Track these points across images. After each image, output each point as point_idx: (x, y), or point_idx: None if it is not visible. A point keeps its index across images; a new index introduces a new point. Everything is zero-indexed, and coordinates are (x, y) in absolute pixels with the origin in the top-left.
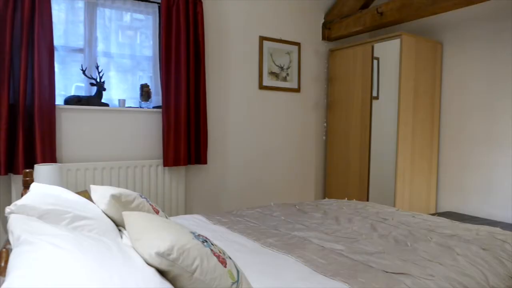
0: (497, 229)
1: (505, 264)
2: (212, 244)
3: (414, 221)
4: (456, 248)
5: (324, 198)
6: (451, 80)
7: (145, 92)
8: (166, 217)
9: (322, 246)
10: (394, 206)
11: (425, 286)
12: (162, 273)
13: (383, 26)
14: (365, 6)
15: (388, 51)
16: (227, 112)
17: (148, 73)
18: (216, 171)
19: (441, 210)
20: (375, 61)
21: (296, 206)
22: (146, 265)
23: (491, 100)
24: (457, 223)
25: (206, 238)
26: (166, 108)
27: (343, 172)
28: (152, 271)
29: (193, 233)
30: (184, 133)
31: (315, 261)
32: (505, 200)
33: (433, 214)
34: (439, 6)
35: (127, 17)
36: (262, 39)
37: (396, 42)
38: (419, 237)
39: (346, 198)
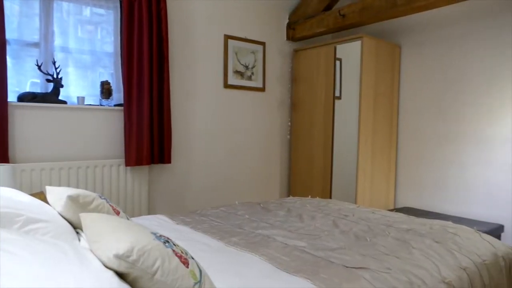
0: (449, 223)
1: (455, 255)
2: (174, 244)
3: (373, 217)
4: (411, 241)
5: (289, 196)
6: (408, 81)
7: (105, 90)
8: (127, 218)
9: (286, 244)
10: (355, 202)
11: (382, 279)
12: (121, 275)
13: (345, 28)
14: (328, 8)
15: (350, 52)
16: (192, 111)
17: (109, 70)
18: (180, 170)
19: (399, 205)
20: (337, 62)
21: (261, 205)
22: (104, 268)
23: (444, 100)
24: (413, 218)
25: (168, 238)
26: (128, 106)
27: (307, 170)
28: (110, 274)
29: (154, 233)
30: (147, 132)
31: (278, 258)
32: (456, 196)
33: (391, 210)
34: (398, 10)
35: (86, 11)
36: (227, 37)
37: (357, 44)
38: (378, 232)
39: (309, 196)
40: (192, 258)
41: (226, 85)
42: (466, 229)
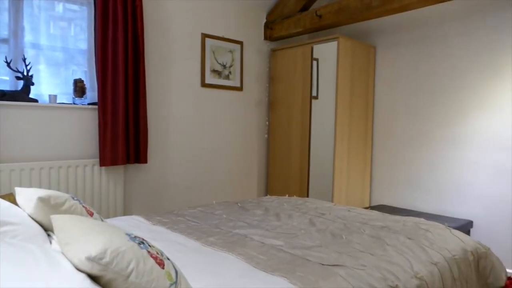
0: (421, 220)
1: (427, 251)
2: (149, 245)
3: (349, 215)
4: (386, 238)
5: (266, 195)
6: (383, 81)
7: (79, 88)
8: (102, 220)
9: (263, 243)
10: (332, 201)
11: (357, 276)
12: (94, 278)
13: (322, 28)
14: (305, 8)
15: (327, 53)
16: (169, 110)
17: (83, 68)
18: (157, 170)
19: (374, 203)
20: (314, 62)
21: (238, 204)
22: (76, 271)
23: (417, 101)
24: (387, 215)
25: (143, 239)
26: (102, 104)
27: (285, 169)
28: (82, 276)
29: (128, 235)
30: (123, 131)
31: (255, 257)
32: (428, 193)
33: (366, 208)
34: (372, 12)
35: (59, 7)
36: (205, 36)
37: (333, 44)
38: (354, 230)
39: (287, 195)
40: (168, 259)
41: (204, 84)
42: (437, 225)
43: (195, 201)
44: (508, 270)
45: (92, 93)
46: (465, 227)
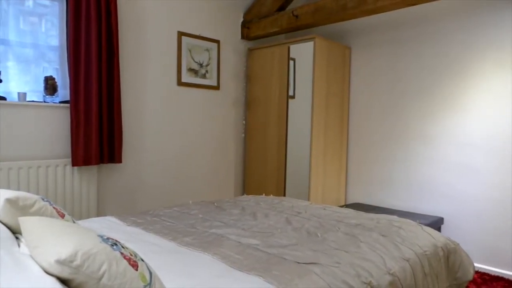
0: (394, 217)
1: (399, 247)
2: (122, 247)
3: (325, 213)
4: (360, 236)
5: (243, 194)
6: (358, 82)
7: (50, 85)
8: (73, 221)
9: (239, 242)
10: (308, 199)
11: (332, 273)
12: (64, 281)
13: (298, 28)
14: (281, 8)
15: (303, 53)
16: (144, 109)
17: (54, 65)
18: (132, 170)
19: (349, 202)
20: (291, 62)
21: (215, 204)
22: (45, 274)
23: (390, 100)
24: (361, 213)
25: (116, 241)
26: (74, 103)
27: (262, 169)
28: (52, 280)
29: (101, 236)
30: (96, 130)
31: (231, 257)
32: (401, 191)
33: (342, 206)
34: (348, 13)
35: (29, 2)
36: (181, 34)
37: (310, 45)
38: (329, 228)
39: (263, 194)
40: (142, 260)
41: (180, 83)
42: (409, 222)
43: (171, 201)
44: (475, 264)
45: (63, 91)
46: (436, 223)
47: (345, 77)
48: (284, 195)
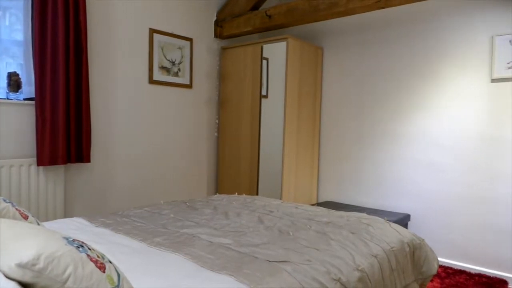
0: (364, 215)
1: (368, 244)
2: (89, 248)
3: (297, 211)
4: (330, 234)
5: (216, 194)
6: (329, 82)
7: (14, 82)
8: (38, 223)
9: (211, 242)
10: (281, 198)
11: (303, 270)
12: (27, 286)
13: (271, 28)
14: (255, 7)
15: (276, 52)
16: (114, 107)
17: (19, 60)
18: (101, 169)
19: (321, 200)
20: (264, 61)
21: (187, 203)
22: (6, 279)
23: (360, 100)
24: (332, 211)
25: (82, 242)
26: (40, 100)
27: (235, 168)
28: (12, 285)
29: (66, 238)
30: (63, 129)
31: (203, 257)
32: (371, 189)
33: (313, 204)
34: (320, 14)
35: None
36: (153, 31)
37: (283, 45)
38: (300, 226)
39: (236, 193)
40: (110, 262)
41: (152, 81)
42: (378, 219)
43: (142, 201)
44: (439, 259)
45: (28, 88)
46: (403, 220)
47: (317, 77)
48: (257, 194)
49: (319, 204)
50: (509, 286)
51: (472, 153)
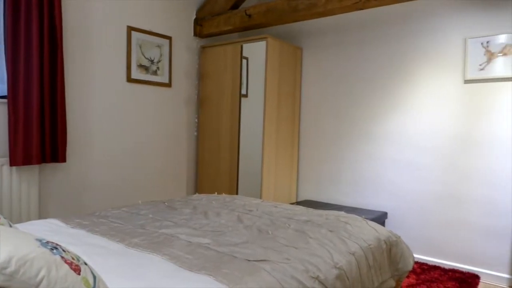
0: (342, 213)
1: (346, 242)
2: (63, 250)
3: (276, 210)
4: (309, 232)
5: (195, 193)
6: (308, 82)
7: None
8: (10, 225)
9: (189, 242)
10: (260, 198)
11: (281, 269)
12: None
13: (251, 27)
14: (234, 7)
15: (256, 52)
16: (91, 105)
17: None
18: (77, 169)
19: (300, 199)
20: (244, 60)
21: (166, 203)
22: None
23: (338, 101)
24: (311, 210)
25: (56, 244)
26: (13, 98)
27: (214, 167)
28: None
29: (39, 240)
30: (37, 128)
31: (181, 257)
32: (349, 188)
33: (293, 203)
34: (299, 15)
35: None
36: (131, 29)
37: (262, 44)
38: (279, 225)
39: (216, 193)
40: (86, 264)
41: (130, 79)
42: (355, 217)
43: (120, 202)
44: (415, 255)
45: (1, 85)
46: (381, 218)
47: (297, 77)
48: (237, 193)
49: (298, 203)
50: (480, 280)
51: (446, 152)
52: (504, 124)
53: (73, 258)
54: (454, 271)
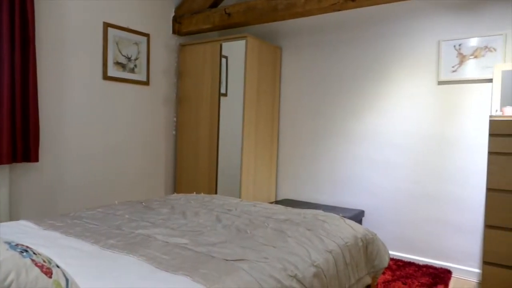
0: (320, 212)
1: (323, 240)
2: (34, 253)
3: (255, 210)
4: (287, 231)
5: (174, 193)
6: (287, 81)
7: None
8: None
9: (167, 242)
10: (239, 197)
11: (260, 268)
12: None
13: (230, 26)
14: (214, 5)
15: (235, 51)
16: (65, 103)
17: None
18: (51, 169)
19: (279, 198)
20: (223, 59)
21: (143, 203)
22: None
23: (317, 100)
24: (290, 208)
25: (27, 247)
26: None
27: (193, 167)
28: None
29: (8, 243)
30: (7, 126)
31: (158, 258)
32: (327, 187)
33: (271, 202)
34: (278, 14)
35: None
36: (107, 25)
37: (242, 43)
38: (258, 224)
39: (194, 192)
40: (58, 267)
41: (106, 77)
42: (333, 216)
43: (95, 202)
44: (391, 252)
45: None
46: (358, 216)
47: (276, 77)
48: (216, 193)
49: (277, 202)
50: (452, 275)
51: (421, 152)
52: (474, 124)
53: (44, 261)
54: (428, 266)
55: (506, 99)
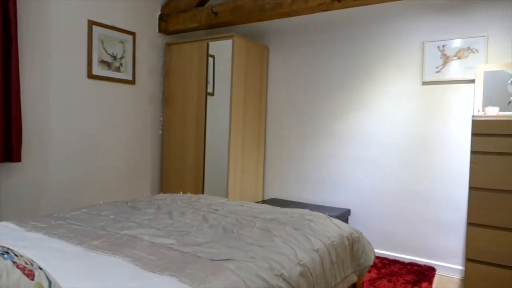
0: (306, 211)
1: (310, 239)
2: (16, 255)
3: (242, 209)
4: (274, 230)
5: (160, 193)
6: (275, 81)
7: None
8: None
9: (153, 242)
10: (226, 197)
11: (246, 268)
12: None
13: (217, 25)
14: (201, 4)
15: (222, 50)
16: (49, 102)
17: None
18: (33, 170)
19: (266, 197)
20: (210, 59)
21: (128, 204)
22: None
23: (304, 100)
24: (276, 208)
25: (8, 249)
26: None
27: (180, 166)
28: None
29: None
30: None
31: (144, 258)
32: (314, 186)
33: (259, 202)
34: (265, 14)
35: None
36: (92, 23)
37: (229, 42)
38: (245, 223)
39: (181, 192)
40: (40, 269)
41: (91, 75)
42: (319, 215)
43: (80, 203)
44: (376, 250)
45: None
46: (344, 215)
47: (263, 76)
48: (203, 192)
49: (264, 202)
50: (436, 272)
51: (405, 150)
52: (457, 124)
53: (26, 263)
54: (412, 264)
55: (488, 99)
